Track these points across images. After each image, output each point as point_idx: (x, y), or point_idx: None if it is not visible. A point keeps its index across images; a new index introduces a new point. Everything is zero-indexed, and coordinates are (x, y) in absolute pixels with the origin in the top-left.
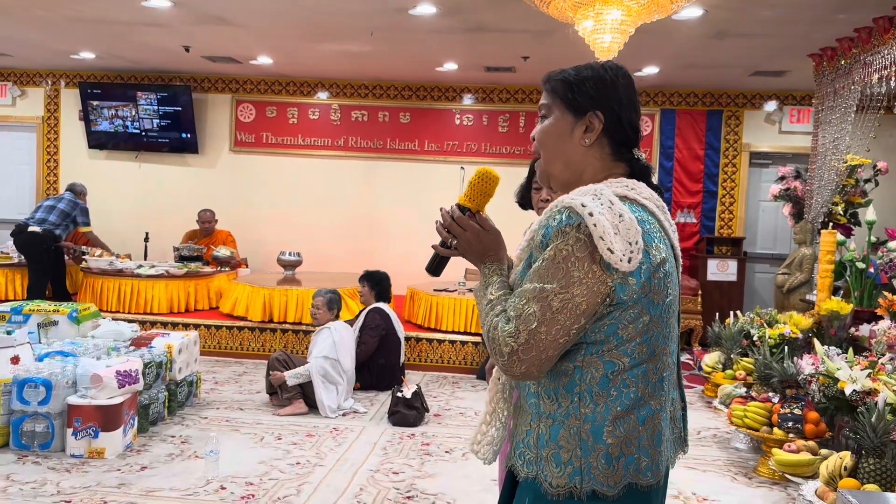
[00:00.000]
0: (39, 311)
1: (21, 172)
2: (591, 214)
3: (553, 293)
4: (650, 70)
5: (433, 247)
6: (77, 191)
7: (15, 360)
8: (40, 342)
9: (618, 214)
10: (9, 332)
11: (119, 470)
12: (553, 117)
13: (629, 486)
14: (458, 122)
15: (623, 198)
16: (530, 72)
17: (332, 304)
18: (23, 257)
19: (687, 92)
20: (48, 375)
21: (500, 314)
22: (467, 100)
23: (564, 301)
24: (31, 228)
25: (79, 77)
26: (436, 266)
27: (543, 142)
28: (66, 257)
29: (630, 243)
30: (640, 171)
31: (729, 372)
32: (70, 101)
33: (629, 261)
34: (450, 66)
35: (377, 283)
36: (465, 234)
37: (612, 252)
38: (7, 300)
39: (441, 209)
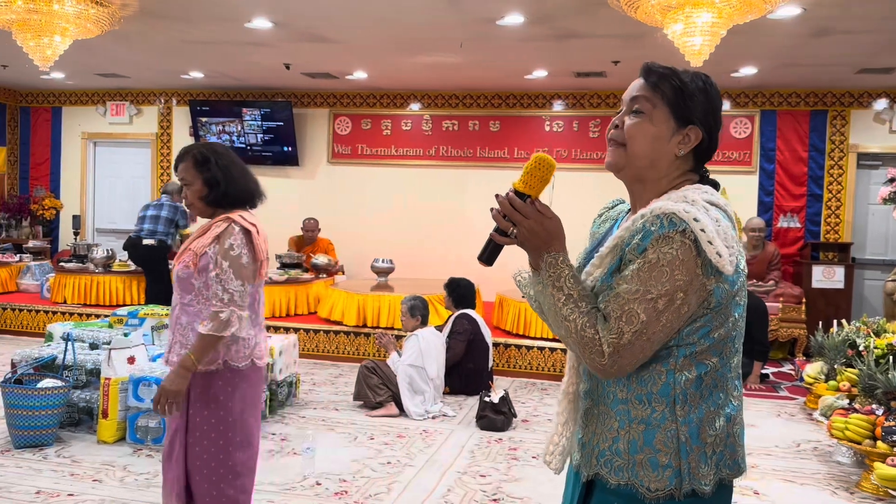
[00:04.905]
0: (153, 315)
1: (138, 186)
2: (696, 220)
3: (658, 296)
4: (747, 70)
5: (492, 234)
6: (171, 191)
7: (131, 360)
8: (154, 344)
9: (715, 219)
10: (126, 335)
11: None
12: (654, 118)
13: (719, 482)
14: (547, 128)
15: (710, 203)
16: (621, 76)
17: (414, 310)
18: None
19: (788, 92)
20: (161, 375)
21: (590, 312)
22: (557, 106)
23: (668, 303)
24: (145, 242)
25: (189, 95)
26: (489, 254)
27: (637, 138)
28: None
29: (728, 247)
30: (709, 185)
31: (832, 383)
32: (181, 118)
33: (730, 264)
34: (539, 74)
35: (453, 290)
36: (528, 221)
37: (720, 256)
38: (125, 305)
39: (497, 196)
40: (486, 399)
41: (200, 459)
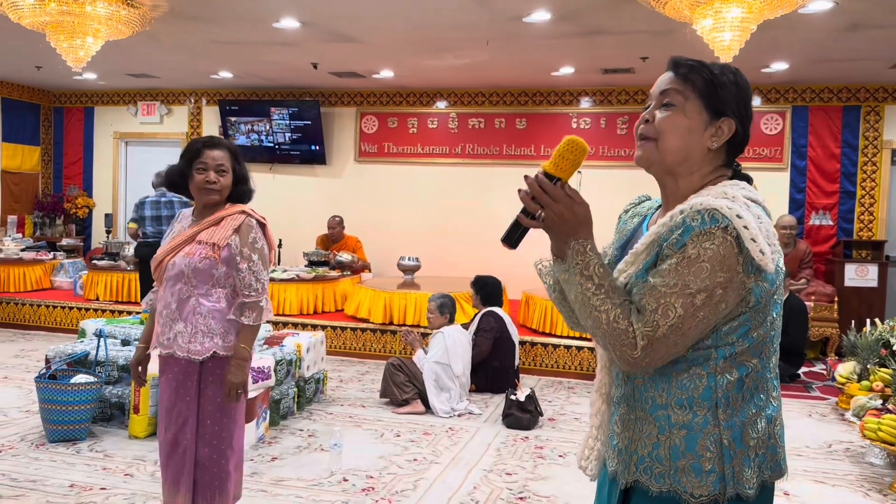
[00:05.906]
0: None
1: None
2: (739, 217)
3: (697, 291)
4: (779, 66)
5: (518, 216)
6: (162, 183)
7: None
8: None
9: (756, 216)
10: None
11: (252, 460)
12: (686, 110)
13: (761, 484)
14: (574, 125)
15: (750, 199)
16: (649, 72)
17: (444, 308)
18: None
19: (820, 87)
20: None
21: (622, 304)
22: (584, 103)
23: (707, 299)
24: None
25: (218, 95)
26: (516, 237)
27: (669, 132)
28: None
29: (770, 245)
30: (742, 179)
31: (865, 383)
32: (211, 117)
33: (772, 262)
34: (566, 70)
35: (481, 288)
36: (557, 204)
37: (763, 254)
38: None
39: (526, 177)
40: (513, 397)
41: (217, 440)
